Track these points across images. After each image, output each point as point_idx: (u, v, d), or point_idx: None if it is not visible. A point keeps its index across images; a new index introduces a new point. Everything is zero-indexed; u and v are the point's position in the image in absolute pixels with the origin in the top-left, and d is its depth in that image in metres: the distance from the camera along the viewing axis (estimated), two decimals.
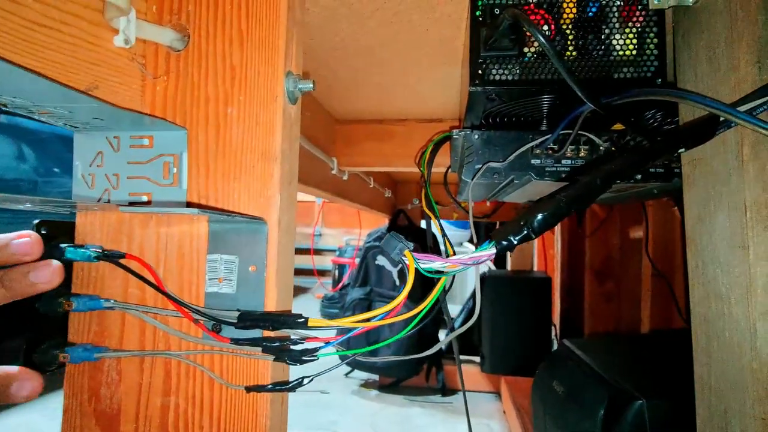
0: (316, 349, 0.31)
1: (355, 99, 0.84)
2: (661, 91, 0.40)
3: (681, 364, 0.77)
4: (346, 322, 0.30)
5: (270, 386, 0.33)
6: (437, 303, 0.37)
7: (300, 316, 0.30)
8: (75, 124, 0.34)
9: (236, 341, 0.32)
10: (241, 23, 0.36)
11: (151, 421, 0.34)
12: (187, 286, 0.35)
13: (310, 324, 0.30)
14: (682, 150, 0.40)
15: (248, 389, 0.33)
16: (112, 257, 0.32)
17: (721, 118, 0.36)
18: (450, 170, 0.74)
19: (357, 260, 2.10)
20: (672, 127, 0.48)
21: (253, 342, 0.32)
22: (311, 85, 0.37)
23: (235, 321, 0.31)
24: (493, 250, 0.33)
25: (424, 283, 0.31)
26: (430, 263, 0.32)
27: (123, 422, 0.34)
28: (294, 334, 0.32)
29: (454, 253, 0.36)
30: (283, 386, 0.33)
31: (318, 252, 3.64)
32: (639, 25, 0.44)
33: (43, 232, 0.32)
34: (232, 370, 0.34)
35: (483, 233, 2.20)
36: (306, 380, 0.33)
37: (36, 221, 0.32)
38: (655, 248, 1.18)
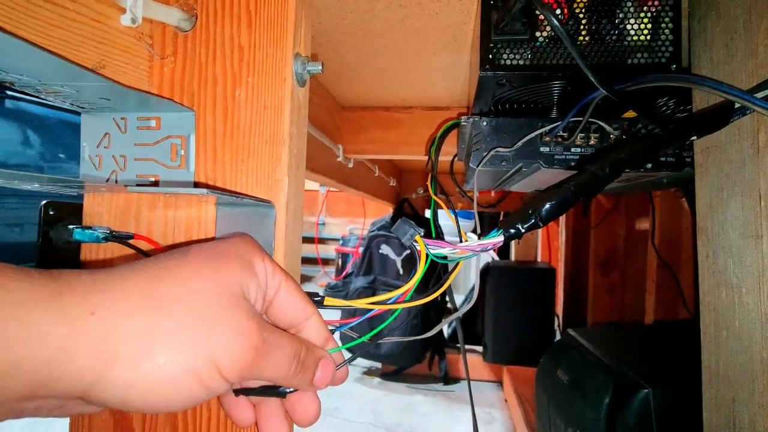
0: (331, 331, 0.31)
1: (362, 85, 0.83)
2: (676, 77, 0.40)
3: (686, 354, 0.77)
4: (361, 303, 0.29)
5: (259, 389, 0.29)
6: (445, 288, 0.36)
7: (317, 294, 0.30)
8: (82, 105, 0.34)
9: None
10: (249, 3, 0.35)
11: None
12: None
13: (326, 303, 0.30)
14: (694, 138, 0.39)
15: (236, 392, 0.29)
16: (121, 238, 0.32)
17: (737, 105, 0.36)
18: (456, 159, 0.73)
19: (361, 249, 2.10)
20: (685, 114, 0.47)
21: None
22: (320, 68, 0.36)
23: None
24: (501, 238, 0.33)
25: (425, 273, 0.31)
26: (440, 249, 0.31)
27: None
28: None
29: (461, 241, 0.35)
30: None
31: (322, 241, 3.64)
32: (654, 10, 0.43)
33: (50, 212, 0.32)
34: None
35: (487, 224, 2.20)
36: None
37: (44, 202, 0.32)
38: (662, 239, 1.17)
